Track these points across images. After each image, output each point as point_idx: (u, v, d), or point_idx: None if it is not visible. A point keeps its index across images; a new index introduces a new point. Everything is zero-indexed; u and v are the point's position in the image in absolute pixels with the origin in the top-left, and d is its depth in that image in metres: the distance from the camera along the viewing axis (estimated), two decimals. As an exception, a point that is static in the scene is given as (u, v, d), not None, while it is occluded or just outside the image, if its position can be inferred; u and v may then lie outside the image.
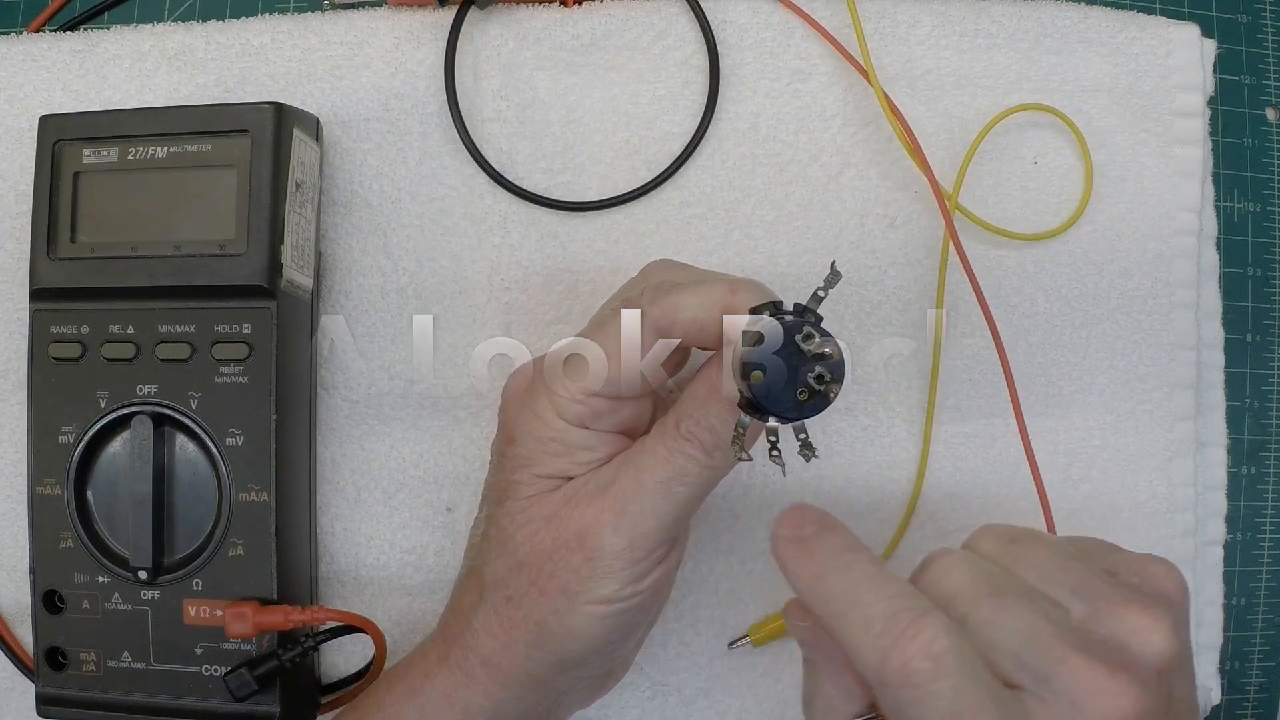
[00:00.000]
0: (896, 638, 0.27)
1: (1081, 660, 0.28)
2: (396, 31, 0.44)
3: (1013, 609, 0.29)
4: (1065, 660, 0.28)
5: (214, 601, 0.39)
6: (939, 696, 0.27)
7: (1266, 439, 0.48)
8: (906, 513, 0.44)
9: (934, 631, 0.27)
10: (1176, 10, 0.48)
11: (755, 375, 0.29)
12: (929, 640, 0.27)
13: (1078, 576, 0.30)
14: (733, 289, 0.33)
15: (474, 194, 0.44)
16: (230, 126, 0.39)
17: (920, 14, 0.44)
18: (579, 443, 0.35)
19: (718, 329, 0.33)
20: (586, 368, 0.34)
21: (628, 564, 0.34)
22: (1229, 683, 0.47)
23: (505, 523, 0.36)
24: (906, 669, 0.27)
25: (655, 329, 0.34)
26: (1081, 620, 0.29)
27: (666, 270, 0.37)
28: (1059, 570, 0.31)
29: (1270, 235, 0.48)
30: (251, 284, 0.39)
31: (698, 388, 0.34)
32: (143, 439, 0.39)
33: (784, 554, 0.30)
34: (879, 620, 0.28)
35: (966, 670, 0.27)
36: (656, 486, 0.34)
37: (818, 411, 0.29)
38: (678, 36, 0.44)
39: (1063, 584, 0.30)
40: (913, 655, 0.27)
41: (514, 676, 0.36)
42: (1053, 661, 0.28)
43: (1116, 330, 0.45)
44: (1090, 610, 0.29)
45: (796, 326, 0.29)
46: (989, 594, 0.29)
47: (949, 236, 0.42)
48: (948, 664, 0.27)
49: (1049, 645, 0.28)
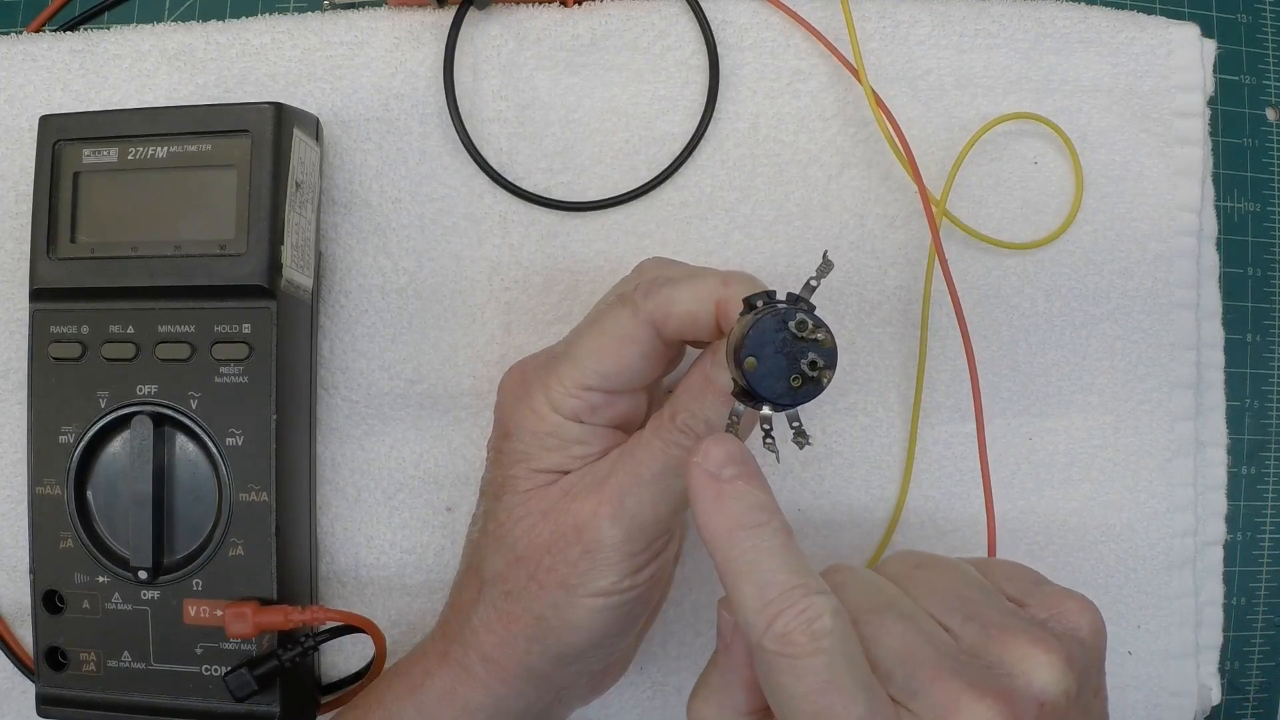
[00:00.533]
0: (785, 608, 0.28)
1: (951, 681, 0.28)
2: (396, 31, 0.44)
3: (892, 626, 0.29)
4: (936, 680, 0.28)
5: (214, 601, 0.39)
6: (811, 670, 0.27)
7: (1266, 439, 0.48)
8: (895, 511, 0.44)
9: (821, 610, 0.28)
10: (1176, 10, 0.48)
11: (749, 362, 0.29)
12: (814, 616, 0.28)
13: (976, 605, 0.31)
14: (725, 281, 0.33)
15: (474, 194, 0.44)
16: (230, 126, 0.39)
17: (920, 14, 0.44)
18: (574, 437, 0.35)
19: (711, 322, 0.33)
20: (581, 362, 0.34)
21: (625, 556, 0.34)
22: (1229, 683, 0.47)
23: (502, 517, 0.36)
24: (787, 638, 0.27)
25: (649, 323, 0.34)
26: (970, 646, 0.30)
27: (660, 267, 0.37)
28: (955, 597, 0.31)
29: (1270, 235, 0.48)
30: (251, 284, 0.39)
31: (692, 380, 0.34)
32: (143, 439, 0.39)
33: (698, 489, 0.30)
34: (774, 588, 0.28)
35: (843, 654, 0.28)
36: (653, 479, 0.34)
37: (811, 398, 0.29)
38: (678, 36, 0.44)
39: (957, 610, 0.30)
40: (796, 627, 0.27)
41: (513, 672, 0.36)
42: (923, 679, 0.28)
43: (1116, 330, 0.45)
44: (980, 638, 0.30)
45: (789, 314, 0.29)
46: (872, 610, 0.30)
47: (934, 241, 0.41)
48: (826, 644, 0.27)
49: (921, 663, 0.28)
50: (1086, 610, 0.31)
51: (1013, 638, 0.29)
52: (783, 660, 0.28)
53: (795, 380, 0.29)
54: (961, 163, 0.44)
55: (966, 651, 0.29)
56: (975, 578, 0.32)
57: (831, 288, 0.44)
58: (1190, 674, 0.45)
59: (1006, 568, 0.34)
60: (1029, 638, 0.29)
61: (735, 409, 0.31)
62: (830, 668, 0.27)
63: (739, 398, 0.30)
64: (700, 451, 0.30)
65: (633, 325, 0.34)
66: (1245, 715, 0.48)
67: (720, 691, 0.32)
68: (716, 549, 0.30)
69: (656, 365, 0.35)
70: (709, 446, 0.30)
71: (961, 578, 0.32)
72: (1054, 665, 0.29)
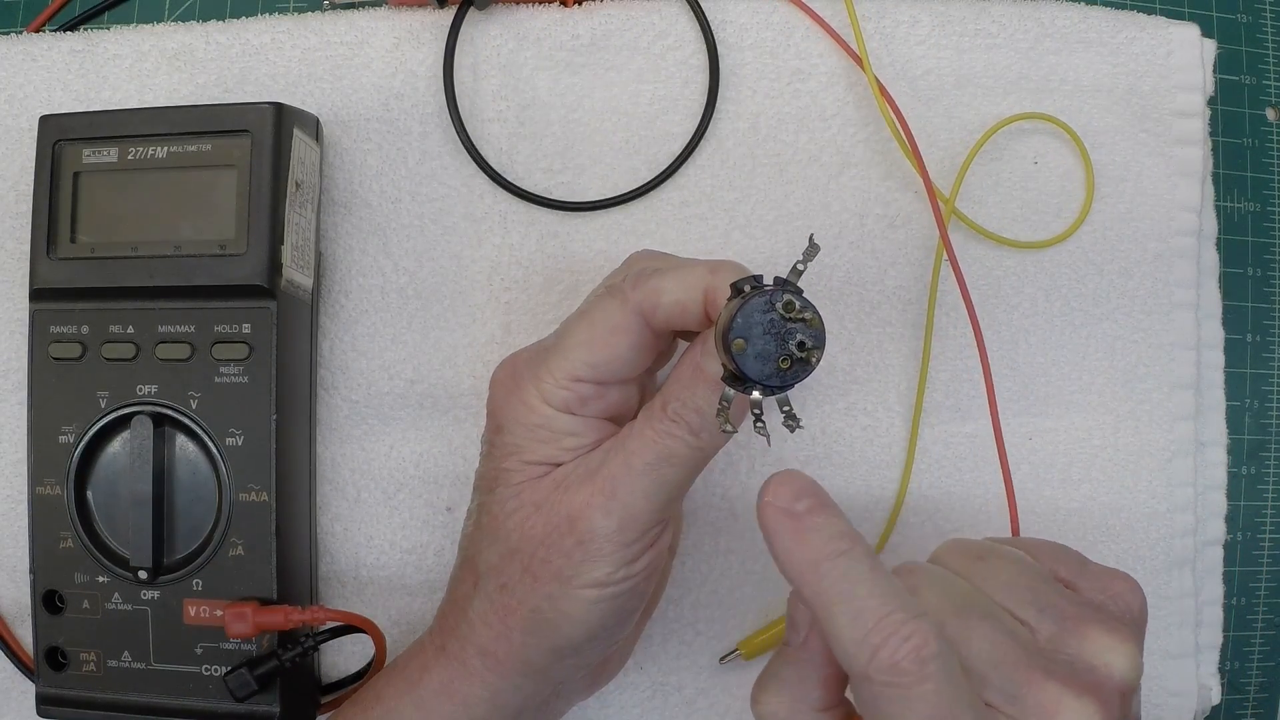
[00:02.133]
0: (888, 636, 0.28)
1: (1049, 682, 0.28)
2: (396, 31, 0.44)
3: (980, 628, 0.29)
4: (1033, 681, 0.28)
5: (214, 601, 0.39)
6: (922, 699, 0.27)
7: (1266, 439, 0.48)
8: (894, 511, 0.44)
9: (925, 636, 0.28)
10: (1176, 10, 0.48)
11: (737, 344, 0.29)
12: (920, 644, 0.27)
13: (1045, 595, 0.31)
14: (713, 269, 0.33)
15: (473, 194, 0.44)
16: (230, 126, 0.39)
17: (920, 14, 0.44)
18: (566, 429, 0.35)
19: (700, 310, 0.33)
20: (571, 354, 0.34)
21: (619, 546, 0.34)
22: (1229, 683, 0.47)
23: (496, 510, 0.36)
24: (896, 668, 0.27)
25: (638, 313, 0.34)
26: (1048, 639, 0.30)
27: (649, 259, 0.37)
28: (1025, 589, 0.31)
29: (1270, 235, 0.48)
30: (251, 284, 0.39)
31: (683, 370, 0.34)
32: (143, 439, 0.39)
33: (775, 527, 0.30)
34: (872, 616, 0.28)
35: (950, 678, 0.28)
36: (645, 468, 0.34)
37: (799, 378, 0.30)
38: (678, 36, 0.44)
39: (1029, 603, 0.31)
40: (903, 656, 0.27)
41: (511, 665, 0.36)
42: (1020, 682, 0.28)
43: (1116, 330, 0.45)
44: (1057, 629, 0.30)
45: (776, 295, 0.29)
46: (956, 612, 0.30)
47: (942, 240, 0.42)
48: (933, 668, 0.27)
49: (1015, 665, 0.29)
50: (1135, 591, 0.32)
51: (1088, 628, 0.30)
52: (892, 690, 0.27)
53: (784, 362, 0.29)
54: (971, 162, 0.44)
55: (1046, 645, 0.30)
56: (1033, 565, 0.32)
57: (831, 287, 0.44)
58: (1190, 674, 0.45)
59: (1051, 549, 0.34)
60: (1103, 627, 0.30)
61: (725, 394, 0.31)
62: (939, 693, 0.27)
63: (729, 383, 0.30)
64: (769, 491, 0.30)
65: (621, 316, 0.34)
66: (1245, 715, 0.48)
67: (794, 685, 0.32)
68: (804, 584, 0.30)
69: (646, 356, 0.35)
70: (776, 485, 0.30)
71: (1021, 567, 0.32)
72: (1130, 654, 0.29)
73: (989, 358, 0.44)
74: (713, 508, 0.44)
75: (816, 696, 0.31)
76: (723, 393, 0.31)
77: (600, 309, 0.35)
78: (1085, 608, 0.31)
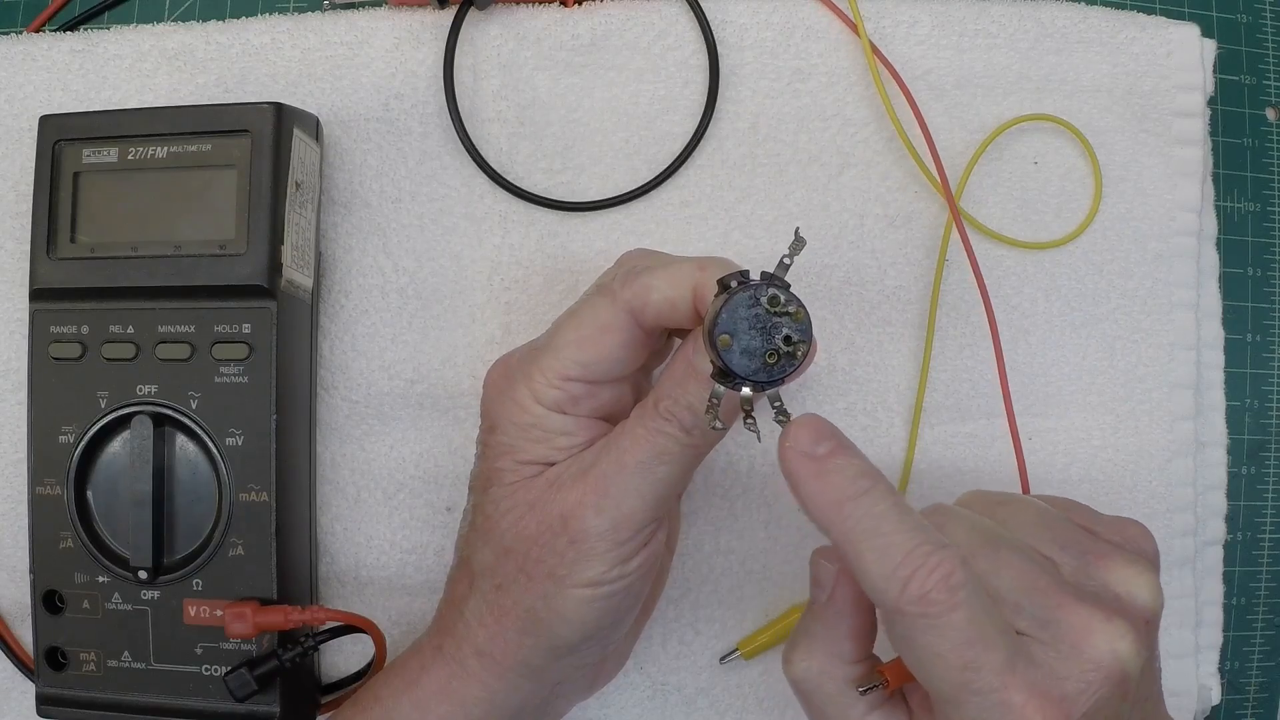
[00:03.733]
0: (916, 568, 0.28)
1: (1080, 606, 0.29)
2: (396, 31, 0.44)
3: (1010, 559, 0.30)
4: (1064, 606, 0.29)
5: (214, 601, 0.39)
6: (953, 626, 0.28)
7: (1266, 439, 0.48)
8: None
9: (953, 564, 0.28)
10: (1176, 10, 0.48)
11: (723, 339, 0.29)
12: (948, 572, 0.28)
13: (1064, 533, 0.32)
14: (702, 266, 0.33)
15: (473, 194, 0.44)
16: (230, 126, 0.39)
17: (920, 14, 0.44)
18: (558, 428, 0.35)
19: (690, 308, 0.33)
20: (562, 353, 0.35)
21: (612, 545, 0.34)
22: (1229, 683, 0.47)
23: (490, 510, 0.36)
24: (925, 599, 0.28)
25: (628, 311, 0.34)
26: (1072, 572, 0.31)
27: (640, 257, 0.37)
28: (1046, 528, 0.32)
29: (1270, 235, 0.48)
30: (251, 284, 0.39)
31: (675, 367, 0.34)
32: (143, 439, 0.39)
33: (798, 470, 0.30)
34: (899, 550, 0.29)
35: (980, 604, 0.28)
36: (638, 467, 0.34)
37: (787, 373, 0.30)
38: (678, 36, 0.44)
39: (1051, 540, 0.32)
40: (933, 586, 0.28)
41: (507, 665, 0.36)
42: (1052, 607, 0.29)
43: (1116, 330, 0.45)
44: (1079, 563, 0.31)
45: (761, 289, 0.29)
46: (984, 545, 0.31)
47: (952, 227, 0.42)
48: (963, 595, 0.28)
49: (1046, 592, 0.30)
50: (1148, 535, 0.34)
51: (1110, 560, 0.31)
52: (924, 621, 0.28)
53: (770, 356, 0.29)
54: (977, 161, 0.44)
55: (1072, 577, 0.31)
56: (1051, 511, 0.34)
57: (831, 287, 0.44)
58: (1190, 674, 0.45)
59: (1064, 501, 0.35)
60: (1124, 559, 0.31)
61: (715, 391, 0.31)
62: (971, 620, 0.28)
63: (717, 379, 0.30)
64: (789, 437, 0.31)
65: (611, 314, 0.34)
66: (1245, 715, 0.48)
67: (825, 642, 0.32)
68: (830, 524, 0.30)
69: (637, 354, 0.35)
70: (794, 429, 0.31)
71: (1040, 511, 0.33)
72: (1152, 583, 0.31)
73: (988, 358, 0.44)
74: (713, 508, 0.44)
75: (847, 649, 0.32)
76: (712, 389, 0.31)
77: (590, 308, 0.35)
78: (1106, 545, 0.32)
